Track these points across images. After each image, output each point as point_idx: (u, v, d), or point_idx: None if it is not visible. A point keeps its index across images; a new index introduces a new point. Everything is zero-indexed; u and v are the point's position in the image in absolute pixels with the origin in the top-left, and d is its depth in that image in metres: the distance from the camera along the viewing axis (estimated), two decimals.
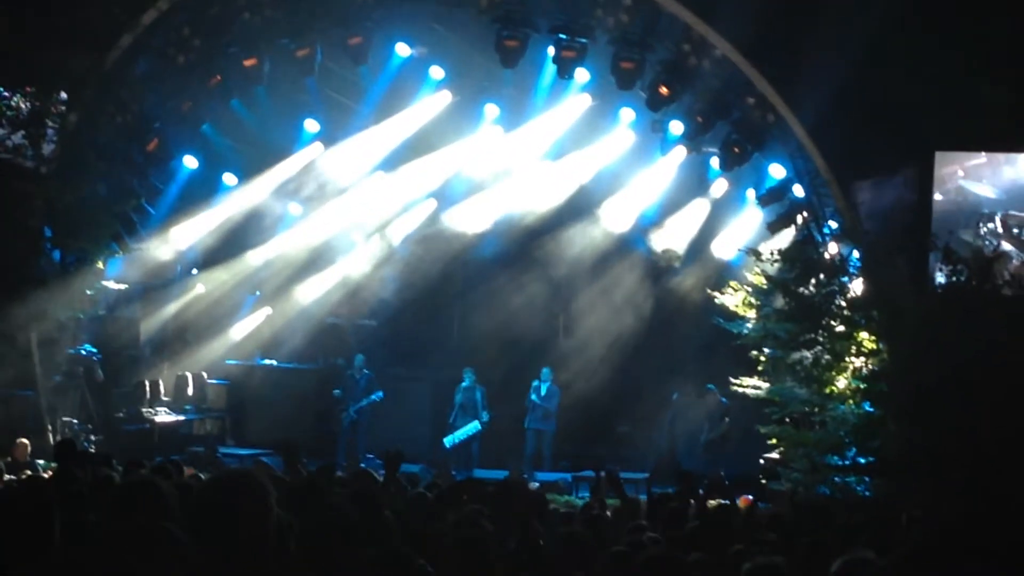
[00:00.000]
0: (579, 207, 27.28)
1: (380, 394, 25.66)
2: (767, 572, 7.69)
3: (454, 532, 8.34)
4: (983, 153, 20.40)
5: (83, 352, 23.22)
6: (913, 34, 19.14)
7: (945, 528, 11.35)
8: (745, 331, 21.51)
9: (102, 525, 7.06)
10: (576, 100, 24.85)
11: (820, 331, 20.42)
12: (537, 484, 21.22)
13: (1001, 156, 20.36)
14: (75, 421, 22.42)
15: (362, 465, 22.09)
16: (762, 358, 21.26)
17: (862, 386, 20.12)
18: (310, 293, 28.53)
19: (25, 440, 19.99)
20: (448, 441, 25.41)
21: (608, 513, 13.48)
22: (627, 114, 25.01)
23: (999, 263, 19.00)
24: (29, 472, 16.60)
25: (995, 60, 18.97)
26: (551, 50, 22.19)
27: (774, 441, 21.02)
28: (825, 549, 8.66)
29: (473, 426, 25.44)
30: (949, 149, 20.36)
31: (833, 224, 21.27)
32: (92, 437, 22.49)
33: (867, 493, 19.45)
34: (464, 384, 25.69)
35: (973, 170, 20.37)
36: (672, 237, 27.07)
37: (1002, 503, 16.37)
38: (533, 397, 25.48)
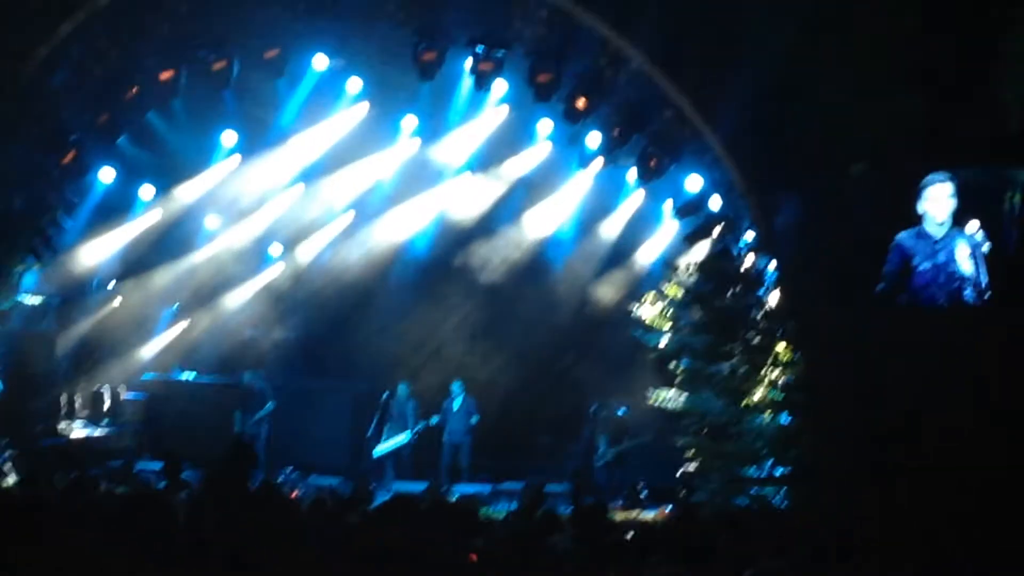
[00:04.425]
0: (499, 218, 27.39)
1: (272, 405, 25.64)
2: None
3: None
4: None
5: None
6: (831, 44, 19.28)
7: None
8: (663, 343, 21.61)
9: None
10: (494, 112, 24.91)
11: (737, 343, 20.54)
12: (456, 496, 21.23)
13: None
14: None
15: (280, 479, 22.06)
16: (679, 370, 21.36)
17: (779, 397, 20.25)
18: (228, 305, 28.44)
19: None
20: (377, 452, 25.43)
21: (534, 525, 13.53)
22: (545, 126, 25.12)
23: None
24: None
25: (913, 69, 19.12)
26: (468, 62, 22.21)
27: (691, 453, 21.10)
28: (739, 559, 8.73)
29: (404, 438, 25.50)
30: (866, 160, 20.49)
31: (750, 235, 21.38)
32: (8, 452, 22.25)
33: (784, 504, 19.58)
34: (397, 396, 25.72)
35: None
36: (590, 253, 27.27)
37: (919, 511, 16.57)
38: (449, 408, 25.58)
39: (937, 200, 17.43)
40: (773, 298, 20.73)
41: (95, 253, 25.99)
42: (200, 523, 8.85)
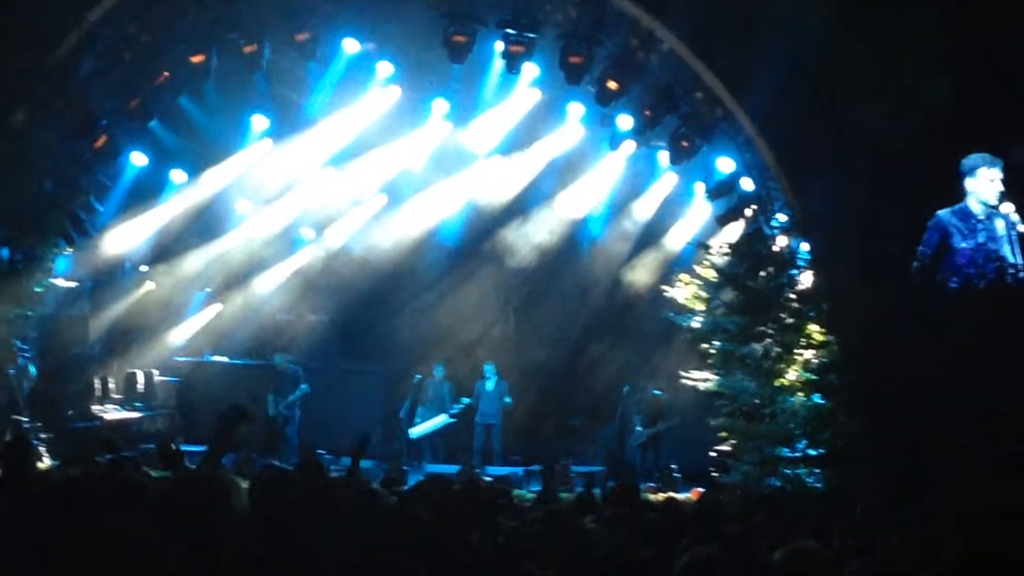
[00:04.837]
0: (530, 201, 27.36)
1: (306, 387, 25.63)
2: (702, 564, 7.68)
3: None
4: None
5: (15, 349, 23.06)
6: (860, 28, 19.19)
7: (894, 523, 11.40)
8: (695, 324, 21.56)
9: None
10: (525, 94, 24.88)
11: (770, 324, 20.48)
12: (489, 479, 21.24)
13: None
14: (25, 418, 22.28)
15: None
16: (712, 351, 21.31)
17: (812, 378, 20.18)
18: (260, 289, 28.50)
19: None
20: (415, 435, 25.50)
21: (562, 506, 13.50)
22: (576, 108, 25.09)
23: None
24: None
25: (938, 56, 19.02)
26: (499, 45, 22.18)
27: (725, 434, 21.06)
28: (770, 540, 8.69)
29: (443, 420, 25.58)
30: (893, 145, 20.37)
31: (782, 217, 21.30)
32: (42, 435, 22.35)
33: (817, 485, 19.53)
34: (434, 378, 25.80)
35: None
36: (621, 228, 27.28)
37: (949, 494, 16.47)
38: (481, 391, 25.60)
39: (987, 182, 17.32)
40: (806, 279, 20.66)
41: (127, 237, 26.06)
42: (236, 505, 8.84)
